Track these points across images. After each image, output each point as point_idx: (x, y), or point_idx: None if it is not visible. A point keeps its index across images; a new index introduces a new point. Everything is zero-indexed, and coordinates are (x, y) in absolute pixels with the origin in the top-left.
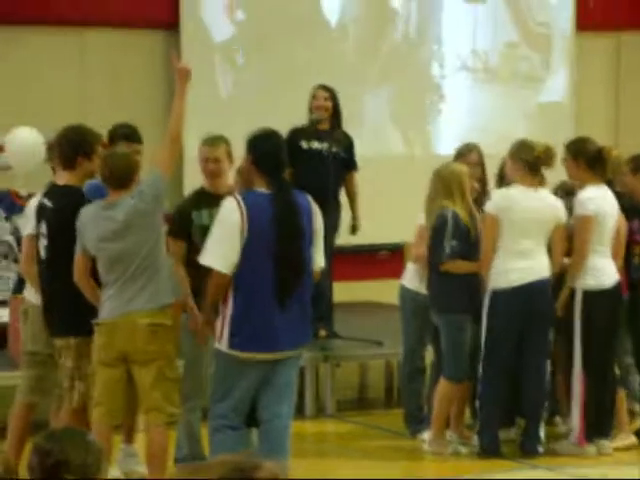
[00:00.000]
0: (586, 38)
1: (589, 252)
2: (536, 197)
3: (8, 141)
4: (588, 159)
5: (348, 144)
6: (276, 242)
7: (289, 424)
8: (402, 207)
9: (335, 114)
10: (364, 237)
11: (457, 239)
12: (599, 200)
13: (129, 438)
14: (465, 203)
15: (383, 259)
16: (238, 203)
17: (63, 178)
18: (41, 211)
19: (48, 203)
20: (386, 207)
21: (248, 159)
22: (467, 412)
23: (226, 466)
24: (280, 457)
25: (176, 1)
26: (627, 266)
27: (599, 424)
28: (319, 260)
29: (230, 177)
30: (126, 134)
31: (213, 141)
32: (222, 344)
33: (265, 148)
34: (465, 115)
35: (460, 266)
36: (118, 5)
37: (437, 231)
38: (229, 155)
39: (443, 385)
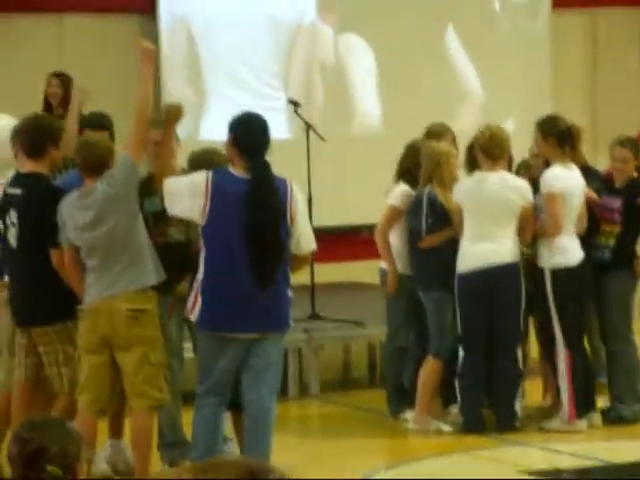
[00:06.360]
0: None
1: (560, 228)
2: (496, 181)
3: None
4: (557, 137)
5: None
6: (248, 223)
7: (270, 407)
8: (383, 187)
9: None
10: (345, 217)
11: (433, 217)
12: (565, 179)
13: (117, 433)
14: (445, 183)
15: (364, 239)
16: (207, 174)
17: (29, 166)
18: (9, 200)
19: (16, 191)
20: (367, 187)
21: (229, 140)
22: None
23: (238, 468)
24: (261, 440)
25: None
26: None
27: (587, 398)
28: (308, 243)
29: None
30: (92, 123)
31: (159, 124)
32: (193, 316)
33: (244, 129)
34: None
35: (435, 238)
36: None
37: (414, 211)
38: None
39: (430, 363)
